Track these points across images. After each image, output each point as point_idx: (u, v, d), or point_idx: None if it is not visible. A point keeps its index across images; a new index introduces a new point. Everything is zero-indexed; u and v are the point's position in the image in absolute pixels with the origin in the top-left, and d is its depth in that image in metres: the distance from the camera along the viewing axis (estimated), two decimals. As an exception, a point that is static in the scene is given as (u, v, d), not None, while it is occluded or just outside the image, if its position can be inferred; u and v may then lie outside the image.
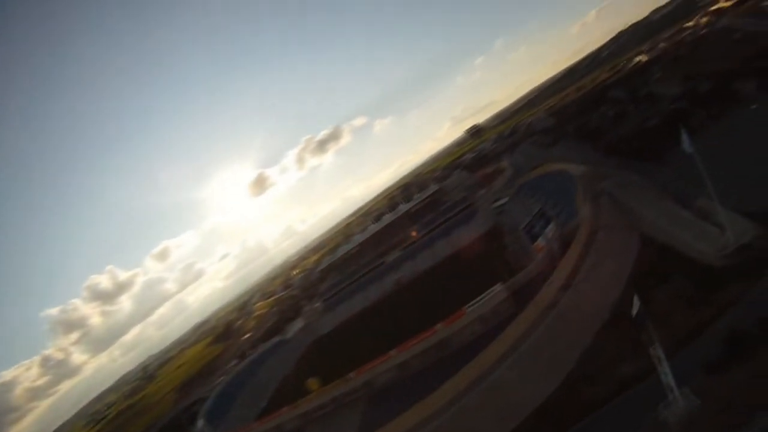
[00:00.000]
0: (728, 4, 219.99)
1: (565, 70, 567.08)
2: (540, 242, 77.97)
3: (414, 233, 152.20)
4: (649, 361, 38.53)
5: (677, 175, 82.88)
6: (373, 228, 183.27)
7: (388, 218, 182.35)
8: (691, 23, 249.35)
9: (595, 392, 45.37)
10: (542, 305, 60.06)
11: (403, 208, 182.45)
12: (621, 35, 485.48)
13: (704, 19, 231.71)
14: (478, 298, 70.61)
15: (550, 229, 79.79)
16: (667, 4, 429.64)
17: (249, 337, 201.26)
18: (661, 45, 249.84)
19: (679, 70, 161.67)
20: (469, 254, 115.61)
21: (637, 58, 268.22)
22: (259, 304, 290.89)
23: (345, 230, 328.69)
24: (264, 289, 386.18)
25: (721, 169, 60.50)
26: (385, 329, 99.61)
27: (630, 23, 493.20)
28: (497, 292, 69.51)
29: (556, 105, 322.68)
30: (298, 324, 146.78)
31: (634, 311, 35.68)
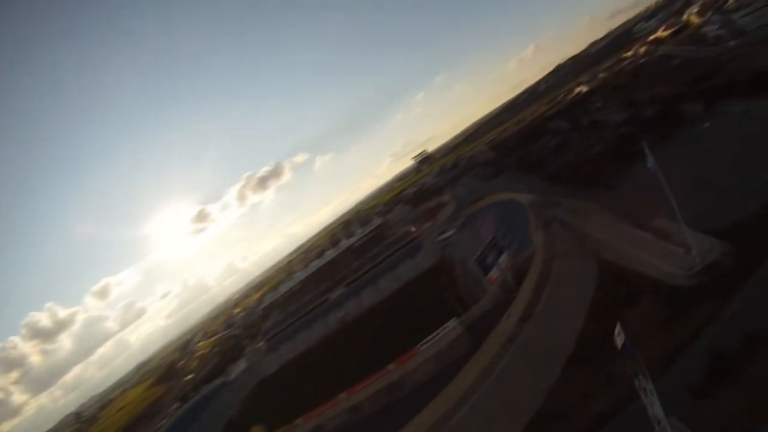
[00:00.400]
0: (666, 33, 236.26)
1: (504, 104, 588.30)
2: (493, 274, 76.16)
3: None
4: (625, 393, 36.56)
5: (629, 199, 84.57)
6: (316, 264, 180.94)
7: (330, 254, 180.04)
8: (629, 53, 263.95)
9: (569, 432, 42.76)
10: (501, 339, 57.91)
11: (346, 243, 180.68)
12: (559, 68, 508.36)
13: (643, 49, 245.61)
14: (432, 335, 67.73)
15: (503, 260, 78.39)
16: (604, 38, 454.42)
17: (191, 378, 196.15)
18: (601, 75, 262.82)
19: (621, 98, 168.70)
20: (417, 288, 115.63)
21: (577, 89, 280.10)
22: (201, 344, 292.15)
23: (287, 267, 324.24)
24: (206, 328, 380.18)
25: (678, 188, 61.64)
26: (332, 369, 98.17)
27: (568, 56, 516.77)
28: (451, 327, 66.98)
29: (496, 138, 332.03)
30: (241, 365, 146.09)
31: (620, 342, 33.37)
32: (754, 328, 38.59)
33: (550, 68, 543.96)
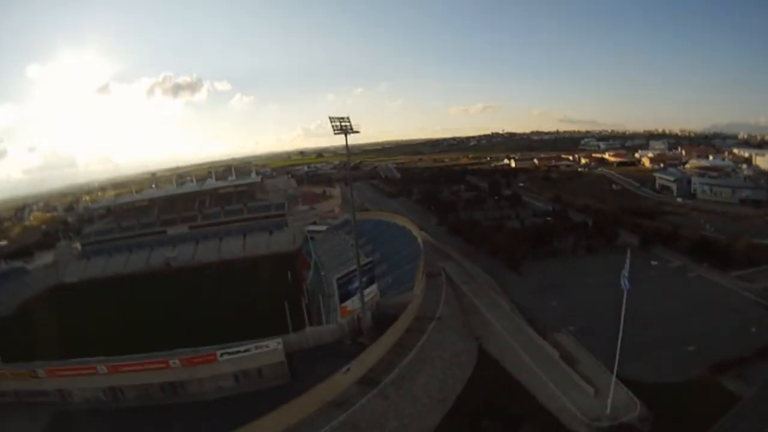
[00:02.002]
0: (613, 159, 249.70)
1: (429, 139, 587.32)
2: (350, 304, 59.62)
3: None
4: None
5: (536, 295, 74.31)
6: (171, 190, 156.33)
7: (190, 187, 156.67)
8: (569, 157, 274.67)
9: None
10: (327, 396, 42.21)
11: (212, 183, 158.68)
12: (494, 136, 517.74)
13: (584, 161, 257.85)
14: (243, 346, 49.98)
15: (370, 293, 62.18)
16: (549, 133, 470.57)
17: (3, 245, 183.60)
18: (535, 161, 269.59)
19: (550, 190, 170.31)
20: (259, 270, 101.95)
21: (506, 161, 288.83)
22: (35, 214, 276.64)
23: (152, 179, 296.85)
24: (50, 201, 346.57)
25: (600, 316, 53.78)
26: (125, 314, 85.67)
27: (508, 131, 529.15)
28: (272, 349, 49.77)
29: (407, 163, 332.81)
30: (46, 257, 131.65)
31: None
32: None
33: (487, 132, 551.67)
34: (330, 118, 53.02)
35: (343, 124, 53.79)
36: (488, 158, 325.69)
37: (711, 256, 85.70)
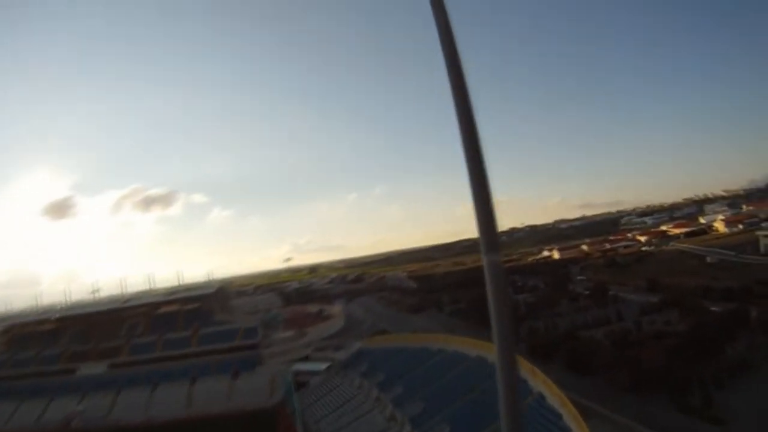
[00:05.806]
0: (676, 231, 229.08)
1: (439, 244, 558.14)
2: None
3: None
4: None
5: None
6: (87, 308, 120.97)
7: (115, 304, 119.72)
8: (619, 237, 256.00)
9: None
10: None
11: (143, 300, 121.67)
12: (514, 231, 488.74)
13: (643, 238, 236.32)
14: None
15: None
16: (576, 219, 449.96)
17: None
18: (584, 247, 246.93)
19: (630, 277, 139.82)
20: None
21: (546, 253, 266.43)
22: None
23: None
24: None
25: None
26: None
27: (528, 224, 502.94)
28: None
29: (420, 271, 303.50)
30: None
31: None
32: None
33: (503, 228, 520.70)
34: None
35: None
36: (519, 254, 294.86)
37: None
